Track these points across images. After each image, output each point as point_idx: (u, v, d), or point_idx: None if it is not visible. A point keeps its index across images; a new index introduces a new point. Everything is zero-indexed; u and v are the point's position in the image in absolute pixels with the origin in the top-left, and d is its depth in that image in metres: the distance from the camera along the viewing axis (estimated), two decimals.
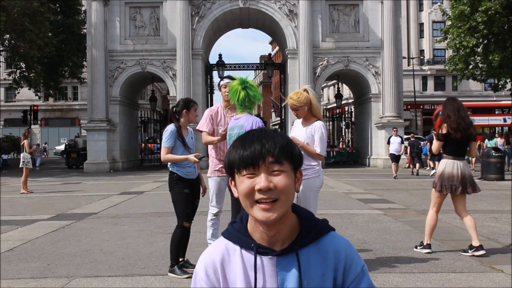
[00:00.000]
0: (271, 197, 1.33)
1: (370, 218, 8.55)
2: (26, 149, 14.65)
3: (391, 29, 25.20)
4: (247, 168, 1.35)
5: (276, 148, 1.36)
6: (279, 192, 1.34)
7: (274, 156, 1.35)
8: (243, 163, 1.36)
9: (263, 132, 1.41)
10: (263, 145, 1.36)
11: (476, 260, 5.57)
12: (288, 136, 1.45)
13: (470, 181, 5.92)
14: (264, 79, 76.78)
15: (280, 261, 1.37)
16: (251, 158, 1.35)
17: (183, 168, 5.20)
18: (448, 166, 5.92)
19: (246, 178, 1.36)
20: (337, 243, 1.41)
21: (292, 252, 1.37)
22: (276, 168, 1.35)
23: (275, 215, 1.33)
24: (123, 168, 25.85)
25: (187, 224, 5.12)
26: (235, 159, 1.38)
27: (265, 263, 1.38)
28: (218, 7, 25.63)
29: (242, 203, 1.39)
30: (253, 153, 1.35)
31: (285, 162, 1.37)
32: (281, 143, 1.38)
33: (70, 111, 51.45)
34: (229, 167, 1.41)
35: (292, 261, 1.37)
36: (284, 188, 1.34)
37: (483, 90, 47.29)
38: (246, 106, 4.74)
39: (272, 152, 1.35)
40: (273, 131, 1.43)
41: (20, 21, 24.25)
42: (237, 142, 1.41)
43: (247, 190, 1.35)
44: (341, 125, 34.98)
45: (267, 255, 1.38)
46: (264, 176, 1.34)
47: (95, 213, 9.80)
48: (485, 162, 17.48)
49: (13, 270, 5.39)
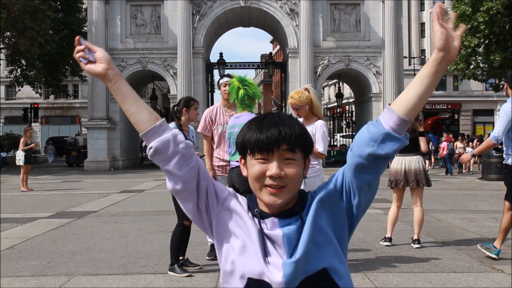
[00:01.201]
0: (280, 183, 1.36)
1: (370, 218, 8.54)
2: (20, 147, 14.84)
3: (392, 29, 25.18)
4: (261, 152, 1.37)
5: (292, 136, 1.37)
6: (288, 180, 1.37)
7: (289, 144, 1.37)
8: (258, 147, 1.37)
9: (280, 118, 1.42)
10: (280, 131, 1.37)
11: (476, 260, 5.56)
12: (303, 124, 1.46)
13: (417, 176, 6.17)
14: (265, 78, 76.77)
15: (282, 222, 1.40)
16: (266, 143, 1.36)
17: None
18: (394, 162, 6.32)
19: (258, 162, 1.38)
20: (314, 185, 1.48)
21: (295, 214, 1.41)
22: (289, 156, 1.38)
23: (281, 200, 1.37)
24: (123, 167, 25.86)
25: (187, 222, 5.09)
26: (250, 140, 1.39)
27: (268, 224, 1.41)
28: (219, 5, 25.62)
29: (251, 184, 1.41)
30: (269, 138, 1.36)
31: (298, 151, 1.39)
32: (297, 131, 1.39)
33: (71, 109, 51.45)
34: (241, 147, 1.43)
35: (296, 218, 1.40)
36: (293, 176, 1.38)
37: (484, 90, 47.25)
38: (246, 104, 4.73)
39: (288, 139, 1.37)
40: (289, 117, 1.44)
41: (21, 18, 24.24)
42: (254, 124, 1.42)
43: (258, 174, 1.38)
44: (342, 124, 34.97)
45: (269, 217, 1.41)
46: (276, 163, 1.36)
47: (95, 211, 9.79)
48: (486, 162, 17.46)
49: (13, 268, 5.39)
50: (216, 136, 5.49)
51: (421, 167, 6.23)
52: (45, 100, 47.85)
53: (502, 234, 5.57)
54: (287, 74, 27.26)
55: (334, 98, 38.57)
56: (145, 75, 27.29)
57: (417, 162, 6.24)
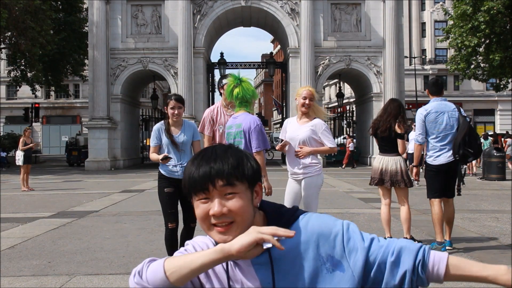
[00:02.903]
0: (226, 220, 1.32)
1: (371, 218, 8.54)
2: (20, 147, 14.89)
3: (393, 28, 25.16)
4: (200, 193, 1.34)
5: (225, 171, 1.32)
6: (234, 215, 1.32)
7: (224, 179, 1.32)
8: (194, 188, 1.34)
9: (213, 153, 1.37)
10: (211, 168, 1.32)
11: (477, 260, 5.56)
12: (242, 152, 1.40)
13: (392, 177, 6.25)
14: (265, 78, 76.82)
15: (254, 261, 1.36)
16: (200, 183, 1.32)
17: (166, 166, 5.10)
18: (375, 160, 6.51)
19: (200, 203, 1.34)
20: (307, 224, 1.39)
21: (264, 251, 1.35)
22: (229, 190, 1.33)
23: (231, 237, 1.32)
24: (124, 166, 25.87)
25: (171, 225, 5.04)
26: (186, 181, 1.37)
27: (243, 265, 1.37)
28: (220, 5, 25.61)
29: (200, 225, 1.38)
30: (201, 177, 1.33)
31: (237, 183, 1.34)
32: (231, 163, 1.34)
33: (72, 109, 51.45)
34: (185, 188, 1.39)
35: (266, 260, 1.35)
36: (238, 211, 1.33)
37: (485, 90, 47.24)
38: (242, 104, 4.72)
39: (221, 175, 1.32)
40: (224, 149, 1.39)
41: (22, 18, 24.26)
42: (190, 163, 1.39)
43: (202, 215, 1.34)
44: (343, 124, 34.96)
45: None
46: (217, 201, 1.32)
47: (96, 211, 9.80)
48: (487, 162, 17.45)
49: (14, 267, 5.39)
50: (217, 136, 5.48)
51: (399, 168, 6.25)
52: (46, 100, 47.85)
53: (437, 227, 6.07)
54: (287, 74, 27.27)
55: (334, 98, 38.57)
56: (146, 75, 27.29)
57: (395, 163, 6.26)
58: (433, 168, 6.05)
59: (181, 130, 5.14)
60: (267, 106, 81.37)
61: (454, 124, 5.95)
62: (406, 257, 1.34)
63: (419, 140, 6.10)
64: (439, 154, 5.97)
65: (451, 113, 5.98)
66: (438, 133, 5.96)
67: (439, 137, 5.97)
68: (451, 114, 5.97)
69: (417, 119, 6.10)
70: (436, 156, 6.00)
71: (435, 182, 6.07)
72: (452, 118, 5.96)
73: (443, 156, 5.96)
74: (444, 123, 5.94)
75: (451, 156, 5.93)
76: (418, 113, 6.13)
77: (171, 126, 5.11)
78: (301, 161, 4.98)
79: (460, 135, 5.88)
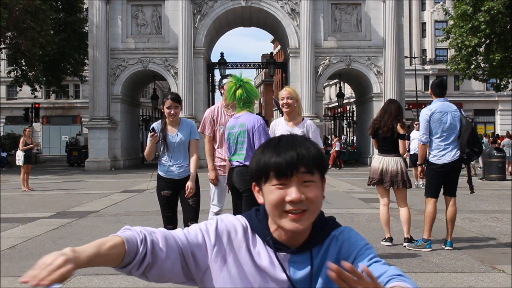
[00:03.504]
0: (301, 208, 1.31)
1: (372, 218, 8.54)
2: (20, 147, 14.90)
3: (393, 29, 25.16)
4: (279, 177, 1.31)
5: (310, 158, 1.32)
6: (309, 203, 1.32)
7: (307, 166, 1.32)
8: (276, 172, 1.31)
9: (296, 140, 1.37)
10: (298, 153, 1.32)
11: (477, 260, 5.57)
12: (318, 145, 1.42)
13: (393, 177, 6.27)
14: (265, 78, 76.75)
15: (293, 258, 1.37)
16: (284, 166, 1.30)
17: (163, 166, 5.04)
18: (375, 160, 6.52)
19: (276, 188, 1.32)
20: (341, 233, 1.41)
21: (306, 250, 1.37)
22: (307, 178, 1.32)
23: (303, 226, 1.33)
24: (124, 166, 25.87)
25: (169, 226, 5.03)
26: (267, 165, 1.33)
27: (281, 258, 1.38)
28: (220, 5, 25.61)
29: (270, 212, 1.36)
30: (287, 161, 1.31)
31: (315, 172, 1.34)
32: (314, 152, 1.34)
33: (72, 109, 51.45)
34: (256, 173, 1.36)
35: (306, 259, 1.36)
36: (314, 199, 1.33)
37: (485, 90, 47.20)
38: (244, 104, 4.72)
39: (306, 162, 1.32)
40: (304, 138, 1.40)
41: (22, 18, 24.26)
42: (268, 147, 1.36)
43: (278, 201, 1.32)
44: (343, 124, 34.96)
45: (281, 251, 1.37)
46: (295, 188, 1.31)
47: (96, 211, 9.80)
48: (487, 162, 17.45)
49: (14, 268, 5.39)
50: (218, 136, 5.48)
51: (399, 169, 6.28)
52: (46, 100, 47.86)
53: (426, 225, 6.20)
54: (288, 74, 27.26)
55: (335, 98, 38.56)
56: (146, 75, 27.30)
57: (395, 164, 6.29)
58: (437, 168, 6.10)
59: (178, 130, 5.03)
60: (267, 106, 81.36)
61: (457, 124, 6.07)
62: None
63: (423, 140, 6.17)
64: (444, 154, 6.06)
65: (454, 113, 6.12)
66: (442, 133, 6.06)
67: (443, 136, 6.06)
68: (454, 115, 6.10)
69: (422, 119, 6.17)
70: (441, 155, 6.07)
71: (435, 182, 6.15)
72: (455, 118, 6.09)
73: (447, 155, 6.05)
74: (448, 122, 6.05)
75: (455, 155, 6.03)
76: (423, 113, 6.20)
77: (167, 125, 5.02)
78: None
79: (466, 135, 6.00)
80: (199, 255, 1.38)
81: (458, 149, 6.03)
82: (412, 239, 6.26)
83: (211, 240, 1.39)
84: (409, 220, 6.31)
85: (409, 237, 6.26)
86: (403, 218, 6.33)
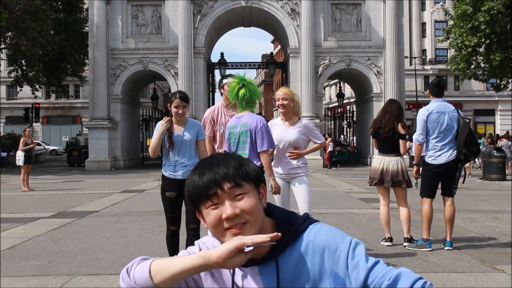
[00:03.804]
0: (239, 222, 1.32)
1: (372, 218, 8.54)
2: (20, 147, 14.92)
3: (393, 29, 25.16)
4: (209, 199, 1.33)
5: (230, 172, 1.33)
6: (246, 215, 1.32)
7: (231, 181, 1.32)
8: (203, 196, 1.34)
9: (213, 160, 1.38)
10: (215, 172, 1.33)
11: (477, 260, 5.57)
12: (241, 156, 1.42)
13: (393, 177, 6.29)
14: (265, 78, 76.78)
15: (262, 269, 1.36)
16: (207, 189, 1.32)
17: (168, 166, 4.97)
18: (375, 160, 6.52)
19: (211, 209, 1.34)
20: (316, 235, 1.37)
21: (271, 259, 1.35)
22: (237, 192, 1.33)
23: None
24: (124, 166, 25.87)
25: (172, 227, 5.05)
26: (196, 189, 1.35)
27: (248, 273, 1.37)
28: (220, 5, 25.61)
29: (213, 234, 1.37)
30: (208, 183, 1.32)
31: (244, 183, 1.34)
32: (234, 165, 1.35)
33: (72, 109, 51.47)
34: (191, 200, 1.38)
35: (273, 268, 1.35)
36: (250, 209, 1.33)
37: (485, 90, 47.19)
38: (247, 104, 4.72)
39: (227, 177, 1.32)
40: (223, 155, 1.40)
41: (22, 18, 24.26)
42: (194, 172, 1.39)
43: (215, 221, 1.33)
44: (343, 124, 34.96)
45: (247, 266, 1.36)
46: (228, 203, 1.32)
47: (96, 211, 9.80)
48: (487, 162, 17.45)
49: (14, 268, 5.39)
50: (217, 136, 5.48)
51: (400, 168, 6.31)
52: (46, 100, 47.83)
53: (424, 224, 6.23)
54: (288, 74, 27.25)
55: (335, 98, 38.57)
56: (146, 75, 27.30)
57: (396, 164, 6.32)
58: (432, 168, 6.11)
59: (184, 129, 4.96)
60: (267, 106, 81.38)
61: (454, 125, 6.07)
62: (403, 280, 1.30)
63: (419, 140, 6.16)
64: (440, 154, 6.07)
65: (451, 113, 6.11)
66: (439, 133, 6.06)
67: (440, 136, 6.07)
68: (451, 115, 6.10)
69: (419, 119, 6.17)
70: (437, 155, 6.08)
71: (431, 182, 6.18)
72: (452, 118, 6.09)
73: (443, 155, 6.06)
74: (445, 123, 6.05)
75: (452, 156, 6.03)
76: (420, 114, 6.21)
77: (174, 124, 4.95)
78: (293, 162, 5.17)
79: (463, 136, 6.00)
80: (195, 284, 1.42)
81: (455, 150, 6.02)
82: (412, 239, 6.26)
83: None
84: (409, 220, 6.33)
85: (409, 237, 6.27)
86: (403, 218, 6.34)
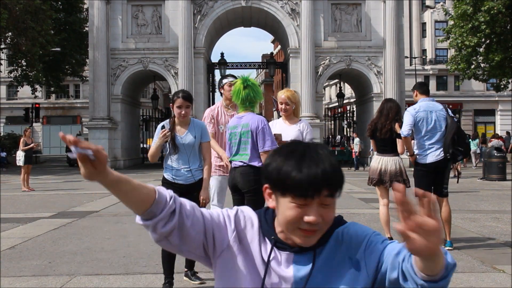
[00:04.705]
0: (316, 228, 1.30)
1: (372, 218, 8.54)
2: (20, 147, 14.93)
3: (393, 29, 25.16)
4: (300, 198, 1.27)
5: (333, 178, 1.28)
6: (323, 224, 1.31)
7: (330, 189, 1.28)
8: (298, 191, 1.27)
9: (319, 153, 1.31)
10: (323, 171, 1.27)
11: (477, 260, 5.56)
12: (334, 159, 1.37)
13: (392, 177, 6.29)
14: (266, 78, 76.73)
15: (296, 258, 1.37)
16: (306, 189, 1.26)
17: (170, 170, 4.65)
18: (374, 160, 6.56)
19: (295, 206, 1.28)
20: (355, 230, 1.40)
21: (310, 250, 1.36)
22: (328, 202, 1.30)
23: (313, 242, 1.33)
24: (124, 167, 25.87)
25: None
26: (290, 179, 1.27)
27: (283, 257, 1.38)
28: (220, 5, 25.62)
29: (283, 225, 1.34)
30: (310, 183, 1.26)
31: (336, 194, 1.31)
32: (340, 173, 1.31)
33: (72, 109, 51.45)
34: (276, 182, 1.32)
35: (309, 258, 1.36)
36: (329, 220, 1.33)
37: (485, 90, 47.16)
38: (249, 105, 4.71)
39: (329, 183, 1.28)
40: (324, 148, 1.34)
41: (22, 18, 24.28)
42: (291, 157, 1.30)
43: (295, 219, 1.29)
44: (343, 124, 34.95)
45: (285, 250, 1.37)
46: (316, 209, 1.28)
47: (96, 211, 9.80)
48: (487, 162, 17.44)
49: (14, 268, 5.39)
50: (218, 136, 5.46)
51: (398, 168, 6.32)
52: (46, 100, 47.83)
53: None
54: (288, 74, 27.26)
55: (335, 98, 38.57)
56: (146, 75, 27.30)
57: (395, 163, 6.33)
58: (422, 167, 6.12)
59: (188, 130, 4.64)
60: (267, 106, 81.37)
61: (442, 124, 6.06)
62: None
63: (404, 133, 6.06)
64: (427, 153, 6.07)
65: (439, 112, 6.10)
66: (426, 132, 6.06)
67: (427, 135, 6.06)
68: (439, 114, 6.09)
69: (406, 115, 6.16)
70: (424, 155, 6.09)
71: (422, 181, 6.15)
72: (440, 117, 6.08)
73: (431, 154, 6.05)
74: (433, 122, 6.05)
75: (440, 155, 6.02)
76: (407, 112, 6.22)
77: (176, 125, 4.64)
78: None
79: (450, 135, 5.99)
80: (218, 236, 1.40)
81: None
82: None
83: (231, 225, 1.41)
84: None
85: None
86: None
